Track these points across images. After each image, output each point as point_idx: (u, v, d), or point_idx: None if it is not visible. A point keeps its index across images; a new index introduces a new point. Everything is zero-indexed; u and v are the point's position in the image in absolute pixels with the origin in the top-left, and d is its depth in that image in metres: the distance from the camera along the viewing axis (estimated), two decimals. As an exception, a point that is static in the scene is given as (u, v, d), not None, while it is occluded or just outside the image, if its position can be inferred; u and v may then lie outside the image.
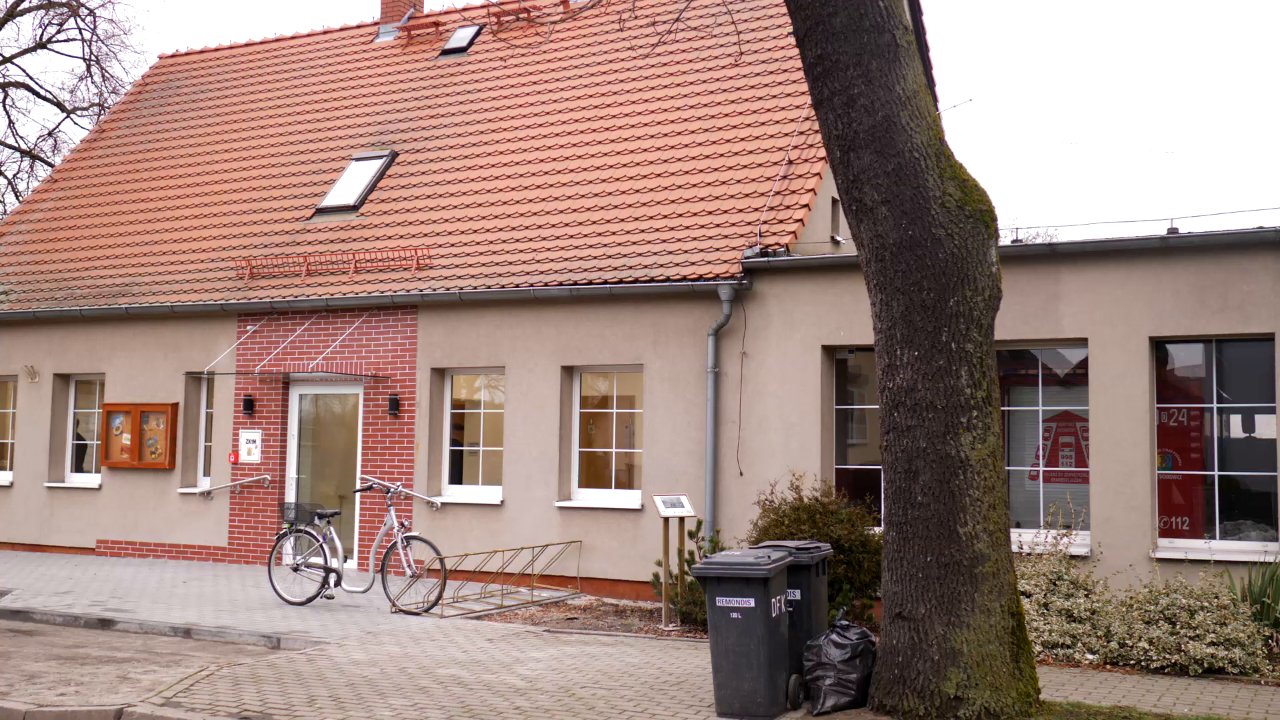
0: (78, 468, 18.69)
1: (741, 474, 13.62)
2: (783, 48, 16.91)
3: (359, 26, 22.61)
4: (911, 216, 8.01)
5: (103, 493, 17.89)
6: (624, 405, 15.02)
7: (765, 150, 15.56)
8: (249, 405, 16.73)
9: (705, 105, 16.73)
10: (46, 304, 18.59)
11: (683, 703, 8.41)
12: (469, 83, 19.53)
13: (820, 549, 8.92)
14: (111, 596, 13.57)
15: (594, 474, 15.04)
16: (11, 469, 18.80)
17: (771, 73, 16.70)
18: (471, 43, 20.43)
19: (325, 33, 22.93)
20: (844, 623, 8.44)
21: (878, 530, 11.76)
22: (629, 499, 14.49)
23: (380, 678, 9.19)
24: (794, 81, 16.39)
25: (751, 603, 7.87)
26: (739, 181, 15.26)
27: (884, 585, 8.14)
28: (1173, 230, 11.96)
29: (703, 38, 16.80)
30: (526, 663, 9.87)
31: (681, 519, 12.29)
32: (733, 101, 16.59)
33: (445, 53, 20.52)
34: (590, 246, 15.28)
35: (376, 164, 18.50)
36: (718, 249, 14.36)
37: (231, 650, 10.95)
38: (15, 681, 9.21)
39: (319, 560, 13.11)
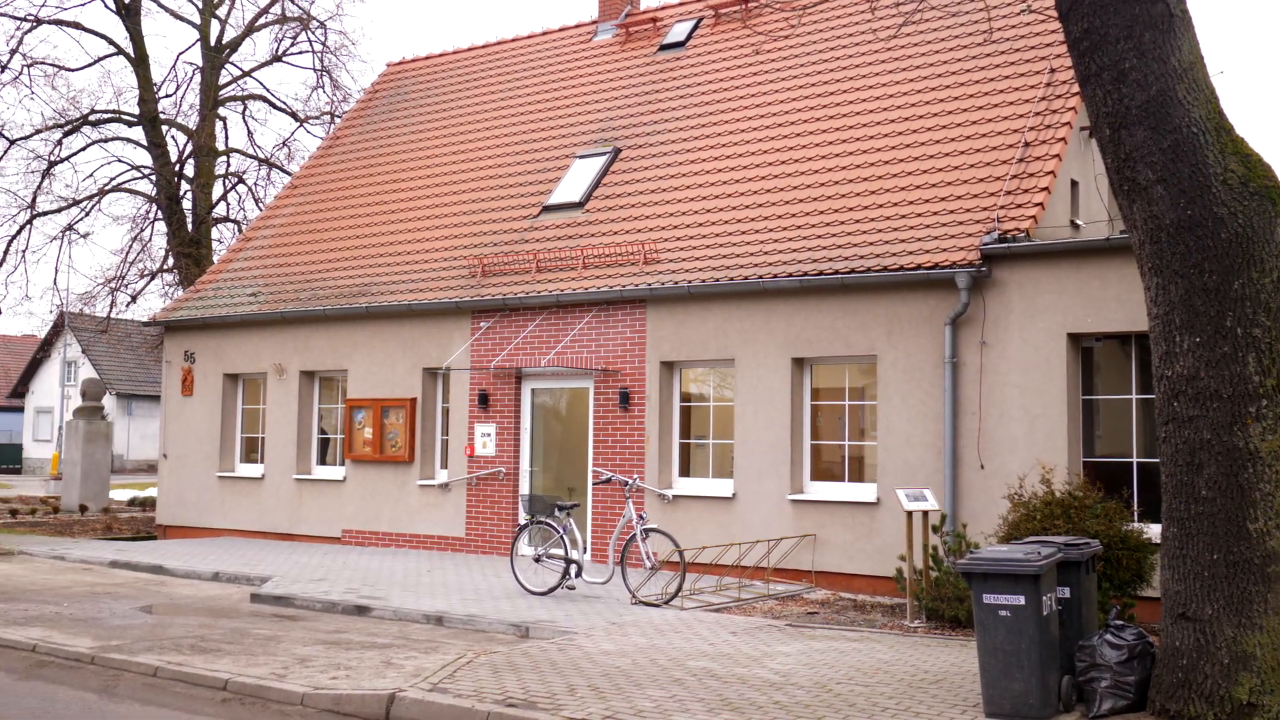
0: (322, 461, 19.58)
1: (982, 467, 13.22)
2: (1013, 25, 16.35)
3: (577, 26, 22.95)
4: (1190, 195, 7.57)
5: (347, 485, 18.69)
6: (855, 397, 14.78)
7: (999, 133, 15.06)
8: (483, 400, 17.18)
9: (933, 89, 16.31)
10: (292, 305, 19.52)
11: (946, 701, 8.18)
12: (688, 76, 19.57)
13: (1089, 545, 8.54)
14: (363, 584, 14.13)
15: (826, 467, 14.86)
16: (263, 462, 19.84)
17: (1003, 52, 16.16)
18: (690, 36, 20.47)
19: (545, 34, 23.37)
20: (1118, 622, 8.06)
21: (1135, 526, 11.25)
22: (864, 492, 14.25)
23: (633, 668, 9.27)
24: (1026, 61, 15.83)
25: (1021, 600, 7.60)
26: (973, 166, 14.81)
27: (1164, 584, 7.74)
28: None
29: (930, 20, 16.39)
30: (775, 657, 9.79)
31: (925, 513, 12.00)
32: (962, 84, 16.13)
33: (664, 47, 20.62)
34: (819, 236, 15.09)
35: (600, 161, 18.73)
36: (953, 236, 13.97)
37: (483, 638, 11.23)
38: (289, 664, 9.66)
39: (559, 551, 13.34)
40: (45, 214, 29.09)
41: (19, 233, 28.74)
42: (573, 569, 13.24)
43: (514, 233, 18.34)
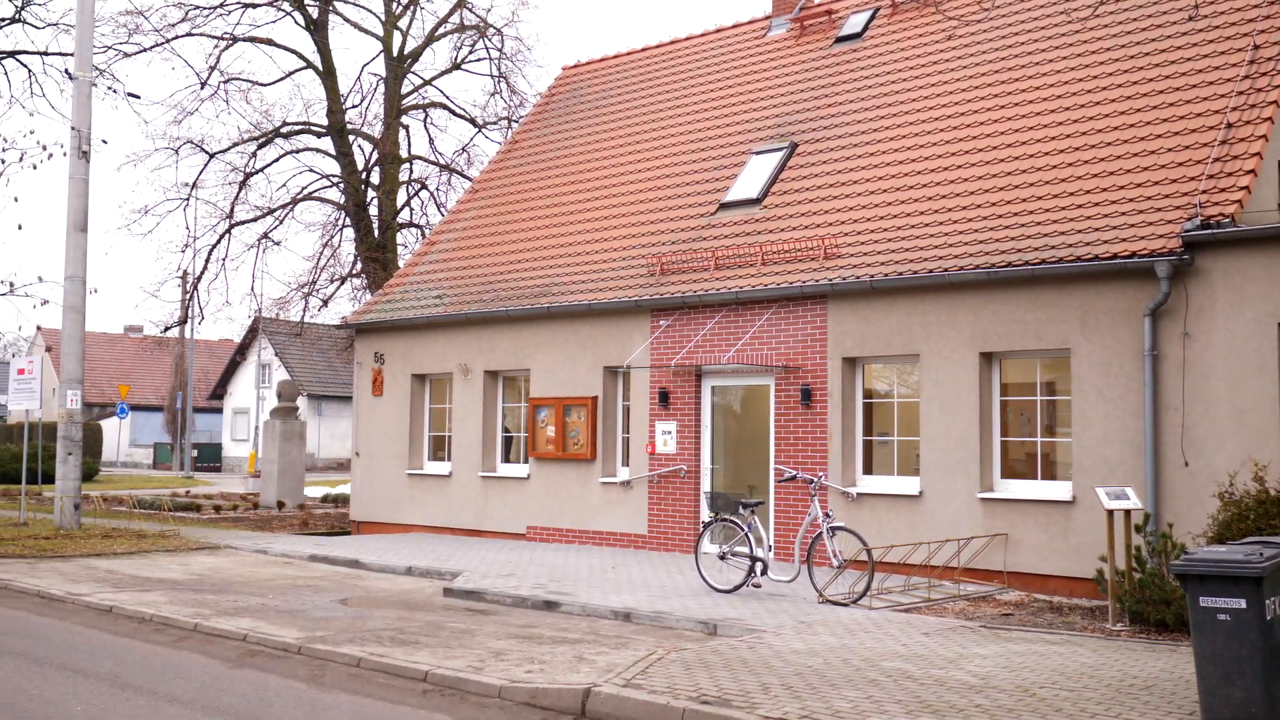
0: (506, 458, 19.97)
1: (1186, 464, 12.63)
2: (1211, 1, 15.59)
3: (751, 22, 22.85)
4: None
5: (531, 482, 19.02)
6: (1046, 392, 14.31)
7: (1199, 114, 14.38)
8: (664, 398, 17.26)
9: (1126, 70, 15.68)
10: (475, 306, 19.97)
11: (1159, 709, 7.83)
12: (866, 68, 19.27)
13: (1315, 546, 8.04)
14: (550, 580, 14.35)
15: (1017, 464, 14.44)
16: (450, 460, 20.36)
17: (1200, 30, 15.43)
18: (866, 28, 20.17)
19: (718, 31, 23.35)
20: (1349, 629, 7.56)
21: (1359, 527, 10.58)
22: (1058, 490, 13.79)
23: (825, 668, 9.16)
24: (1227, 39, 15.08)
25: (1242, 604, 7.20)
26: (1170, 150, 14.18)
27: (1400, 588, 7.23)
28: None
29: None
30: (972, 659, 9.55)
31: (1126, 512, 11.53)
32: (1157, 64, 15.46)
33: (839, 40, 20.37)
34: (1006, 227, 14.67)
35: (776, 156, 18.61)
36: (1150, 223, 13.39)
37: (671, 635, 11.27)
38: (485, 658, 9.87)
39: (744, 549, 13.29)
40: (242, 223, 30.45)
41: (218, 242, 30.16)
42: (758, 567, 13.17)
43: (692, 230, 18.37)
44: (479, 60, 31.98)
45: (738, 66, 21.70)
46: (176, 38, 29.20)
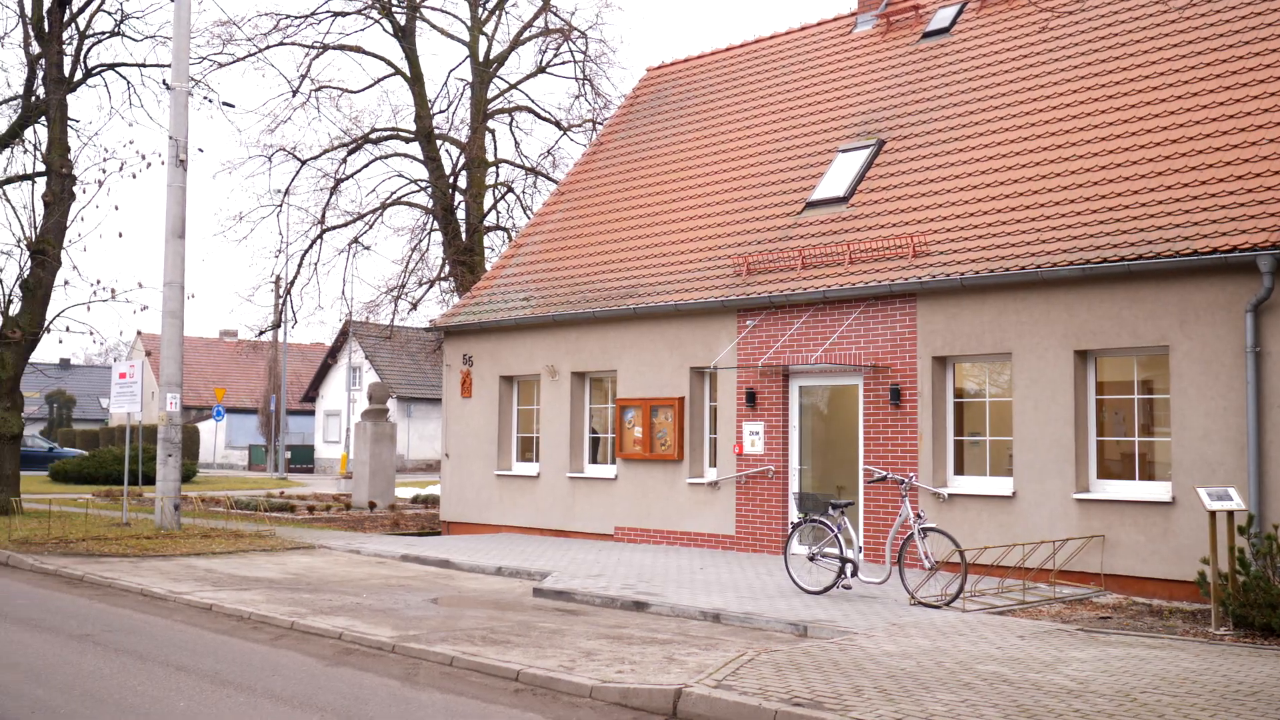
0: (593, 459, 20.05)
1: (1292, 464, 12.27)
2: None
3: (836, 19, 22.68)
4: None
5: (618, 483, 19.08)
6: (1144, 390, 14.00)
7: (1303, 103, 13.96)
8: (751, 398, 17.20)
9: (1225, 60, 15.28)
10: (562, 308, 20.08)
11: (1266, 715, 7.61)
12: (954, 63, 19.02)
13: None
14: (638, 580, 14.37)
15: (1113, 464, 14.14)
16: (538, 460, 20.50)
17: (1304, 16, 14.98)
18: (954, 22, 19.90)
19: (803, 29, 23.21)
20: None
21: None
22: (1157, 491, 13.48)
23: (919, 671, 9.05)
24: (1332, 23, 14.61)
25: (1354, 608, 6.98)
26: (1271, 140, 13.78)
27: None
28: None
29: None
30: (1069, 663, 9.37)
31: (1229, 513, 11.23)
32: (1257, 54, 15.04)
33: (926, 35, 20.12)
34: (1101, 222, 14.37)
35: (863, 154, 18.44)
36: (1251, 216, 13.03)
37: (761, 636, 11.22)
38: (576, 658, 9.91)
39: (834, 550, 13.18)
40: (333, 228, 30.97)
41: (310, 247, 30.71)
42: (848, 568, 13.06)
43: (778, 230, 18.29)
44: (563, 63, 32.14)
45: (823, 64, 21.54)
46: (269, 47, 29.78)
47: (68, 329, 24.96)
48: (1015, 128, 16.83)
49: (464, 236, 30.24)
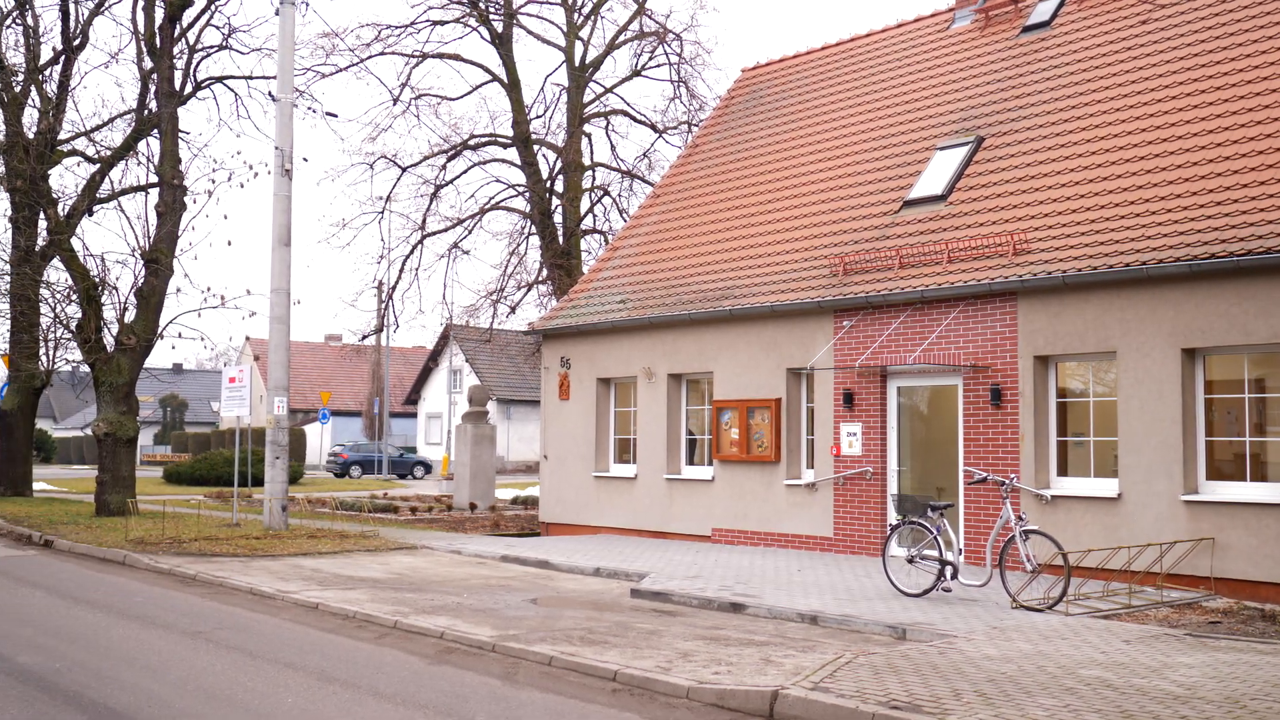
0: (690, 461, 20.09)
1: None
2: None
3: (933, 15, 22.42)
4: None
5: (715, 484, 19.09)
6: (1256, 389, 13.61)
7: None
8: (848, 399, 17.09)
9: (1340, 48, 14.80)
10: (658, 310, 20.16)
11: (1384, 725, 7.38)
12: (1055, 57, 18.69)
13: None
14: (736, 582, 14.37)
15: (1223, 465, 13.77)
16: (635, 462, 20.60)
17: None
18: (1055, 15, 19.55)
19: (900, 26, 22.99)
20: None
21: None
22: (1271, 493, 13.10)
23: (1020, 675, 8.93)
24: None
25: None
26: (1391, 130, 13.32)
27: None
28: None
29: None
30: (1176, 668, 9.16)
31: (1345, 515, 10.88)
32: (1375, 40, 14.54)
33: (1026, 29, 19.80)
34: (1209, 217, 14.01)
35: (961, 151, 18.21)
36: (1369, 209, 12.61)
37: (858, 639, 11.16)
38: (672, 659, 9.96)
39: (934, 553, 13.05)
40: (433, 234, 31.48)
41: (411, 252, 31.25)
42: (948, 571, 12.92)
43: (874, 229, 18.15)
44: (658, 66, 32.25)
45: (920, 61, 21.32)
46: (370, 57, 30.40)
47: (180, 335, 25.90)
48: (1118, 122, 16.49)
49: (561, 240, 30.50)
